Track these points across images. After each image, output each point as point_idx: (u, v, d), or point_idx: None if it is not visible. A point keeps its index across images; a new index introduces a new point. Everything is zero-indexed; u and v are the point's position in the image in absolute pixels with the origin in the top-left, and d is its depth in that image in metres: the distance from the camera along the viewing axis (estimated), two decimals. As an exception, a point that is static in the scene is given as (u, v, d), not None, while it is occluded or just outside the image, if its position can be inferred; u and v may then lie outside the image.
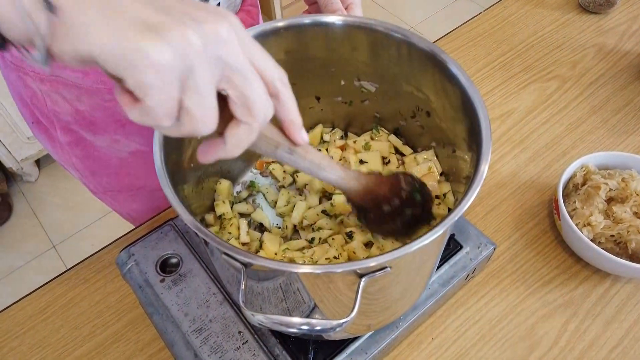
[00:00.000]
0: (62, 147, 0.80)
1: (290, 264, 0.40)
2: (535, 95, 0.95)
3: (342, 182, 0.49)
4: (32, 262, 1.76)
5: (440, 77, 0.52)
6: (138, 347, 0.68)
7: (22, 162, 1.84)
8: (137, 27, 0.27)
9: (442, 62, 0.50)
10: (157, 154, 0.45)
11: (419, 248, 0.39)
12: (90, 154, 0.80)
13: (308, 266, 0.40)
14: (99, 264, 0.77)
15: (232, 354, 0.59)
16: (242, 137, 0.34)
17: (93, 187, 0.89)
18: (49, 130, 0.78)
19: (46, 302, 0.73)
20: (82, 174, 0.85)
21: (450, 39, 1.06)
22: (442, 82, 0.52)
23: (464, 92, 0.48)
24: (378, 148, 0.66)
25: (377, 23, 0.53)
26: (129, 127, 0.76)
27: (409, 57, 0.54)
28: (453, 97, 0.51)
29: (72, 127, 0.76)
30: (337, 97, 0.65)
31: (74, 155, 0.81)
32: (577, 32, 1.06)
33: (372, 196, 0.51)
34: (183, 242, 0.69)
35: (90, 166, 0.83)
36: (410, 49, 0.53)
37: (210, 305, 0.63)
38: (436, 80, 0.53)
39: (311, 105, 0.67)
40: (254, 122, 0.33)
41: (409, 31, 0.52)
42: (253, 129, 0.34)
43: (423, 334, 0.68)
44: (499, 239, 0.77)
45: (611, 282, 0.72)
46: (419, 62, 0.53)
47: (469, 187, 0.42)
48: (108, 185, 0.87)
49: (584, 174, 0.75)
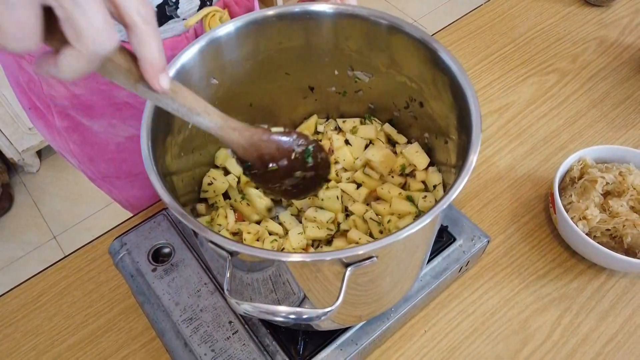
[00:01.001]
0: (59, 133, 0.80)
1: (275, 252, 0.40)
2: (534, 89, 0.94)
3: (220, 132, 0.45)
4: (33, 252, 1.77)
5: (432, 66, 0.51)
6: (130, 336, 0.69)
7: (23, 153, 1.85)
8: None
9: (433, 50, 0.50)
10: (144, 140, 0.45)
11: (405, 238, 0.39)
12: (88, 140, 0.80)
13: (293, 254, 0.40)
14: (93, 253, 0.77)
15: (222, 344, 0.59)
16: (72, 62, 0.30)
17: (91, 174, 0.89)
18: (46, 116, 0.78)
19: (40, 290, 0.73)
20: (79, 160, 0.85)
21: (449, 31, 1.06)
22: (433, 71, 0.51)
23: (454, 80, 0.48)
24: (365, 132, 0.66)
25: (369, 12, 0.52)
26: (126, 111, 0.76)
27: (400, 46, 0.53)
28: (444, 86, 0.50)
29: (68, 111, 0.75)
30: (331, 87, 0.65)
31: (71, 141, 0.81)
32: (579, 25, 1.04)
33: (257, 152, 0.48)
34: (176, 232, 0.68)
35: (88, 152, 0.83)
36: (402, 37, 0.52)
37: (201, 295, 0.63)
38: (427, 69, 0.52)
39: (305, 95, 0.66)
40: (84, 49, 0.30)
41: (401, 19, 0.52)
42: (83, 56, 0.30)
43: (415, 326, 0.68)
44: (494, 233, 0.76)
45: (606, 277, 0.71)
46: (411, 51, 0.52)
47: (457, 177, 0.41)
48: (106, 172, 0.87)
49: (581, 167, 0.74)
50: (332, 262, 0.40)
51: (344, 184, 0.63)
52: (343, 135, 0.66)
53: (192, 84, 0.54)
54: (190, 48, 0.52)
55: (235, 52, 0.55)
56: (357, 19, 0.54)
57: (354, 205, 0.61)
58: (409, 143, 0.65)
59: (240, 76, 0.59)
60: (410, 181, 0.63)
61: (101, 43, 0.30)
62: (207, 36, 0.52)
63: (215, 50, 0.54)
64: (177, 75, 0.51)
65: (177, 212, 0.41)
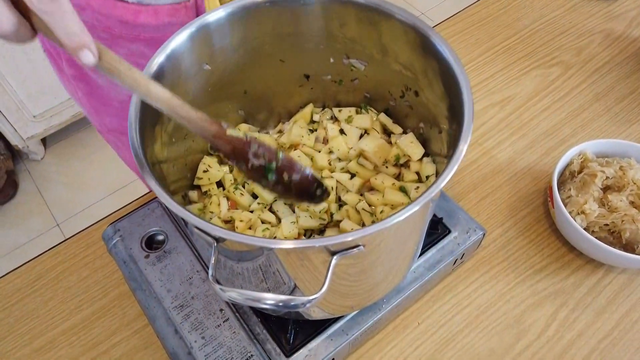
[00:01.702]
0: (68, 80, 0.82)
1: (260, 239, 0.39)
2: (537, 82, 0.93)
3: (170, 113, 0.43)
4: (36, 239, 1.78)
5: (423, 52, 0.50)
6: (123, 322, 0.69)
7: (28, 140, 1.86)
8: None
9: (424, 36, 0.49)
10: (132, 128, 0.45)
11: (391, 226, 0.38)
12: (94, 92, 0.81)
13: (278, 241, 0.39)
14: (89, 240, 0.77)
15: (213, 331, 0.59)
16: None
17: (98, 126, 0.90)
18: (57, 61, 0.80)
19: (36, 274, 0.74)
20: (87, 110, 0.87)
21: (453, 22, 1.04)
22: (424, 57, 0.50)
23: (446, 66, 0.47)
24: (360, 122, 0.65)
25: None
26: None
27: (394, 33, 0.53)
28: (436, 73, 0.49)
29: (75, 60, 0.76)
30: (327, 75, 0.64)
31: (79, 89, 0.82)
32: (585, 18, 1.03)
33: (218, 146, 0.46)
34: (170, 219, 0.68)
35: (94, 104, 0.84)
36: (395, 23, 0.51)
37: (193, 283, 0.63)
38: (420, 56, 0.51)
39: (300, 83, 0.66)
40: None
41: (393, 5, 0.51)
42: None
43: (409, 318, 0.67)
44: (491, 226, 0.75)
45: (604, 273, 0.70)
46: (403, 37, 0.52)
47: (446, 166, 0.40)
48: (111, 125, 0.88)
49: (581, 161, 0.73)
50: (318, 249, 0.40)
51: (338, 173, 0.63)
52: (338, 124, 0.66)
53: (183, 69, 0.53)
54: (180, 34, 0.51)
55: (227, 38, 0.55)
56: (349, 5, 0.53)
57: (347, 195, 0.61)
58: (404, 133, 0.65)
59: (233, 63, 0.58)
60: (404, 172, 0.62)
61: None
62: (197, 22, 0.52)
63: (205, 36, 0.53)
64: (167, 60, 0.50)
65: (165, 199, 0.40)
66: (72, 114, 1.89)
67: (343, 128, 0.64)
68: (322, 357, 0.57)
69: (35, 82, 1.73)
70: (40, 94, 1.77)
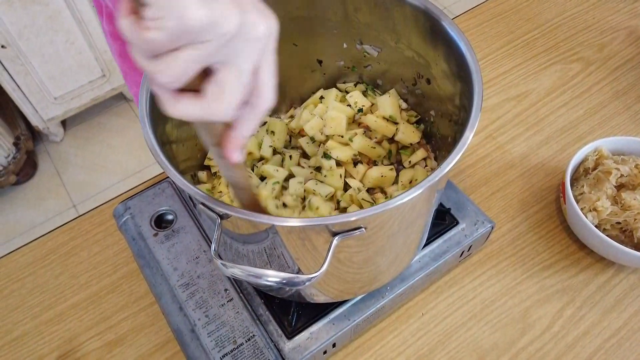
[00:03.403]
0: (106, 35, 0.85)
1: (263, 215, 0.40)
2: (556, 77, 0.91)
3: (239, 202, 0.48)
4: (53, 218, 1.82)
5: (435, 38, 0.50)
6: (131, 299, 0.70)
7: (48, 122, 1.89)
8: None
9: (436, 20, 0.48)
10: (142, 101, 0.45)
11: (393, 208, 0.38)
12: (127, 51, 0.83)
13: (282, 218, 0.40)
14: (101, 217, 0.78)
15: (217, 310, 0.60)
16: (188, 108, 0.32)
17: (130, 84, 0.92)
18: (100, 16, 0.83)
19: (48, 249, 0.75)
20: (121, 68, 0.90)
21: (473, 14, 1.03)
22: (436, 43, 0.50)
23: (457, 51, 0.46)
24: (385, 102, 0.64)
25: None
26: None
27: (407, 18, 0.52)
28: (449, 59, 0.49)
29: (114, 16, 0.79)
30: (340, 61, 0.64)
31: (114, 47, 0.85)
32: (609, 14, 1.00)
33: None
34: (179, 199, 0.69)
35: (126, 63, 0.87)
36: (407, 8, 0.51)
37: (199, 262, 0.63)
38: (432, 42, 0.51)
39: (313, 68, 0.66)
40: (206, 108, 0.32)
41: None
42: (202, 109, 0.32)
43: (413, 308, 0.67)
44: (501, 220, 0.75)
45: (614, 272, 0.69)
46: (417, 23, 0.51)
47: (450, 152, 0.40)
48: None
49: (596, 158, 0.71)
50: (319, 229, 0.40)
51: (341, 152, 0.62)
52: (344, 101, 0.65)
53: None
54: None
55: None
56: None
57: (353, 181, 0.61)
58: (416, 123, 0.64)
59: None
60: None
61: (225, 113, 0.33)
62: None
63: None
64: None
65: (173, 175, 0.41)
66: (92, 97, 1.92)
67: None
68: (323, 340, 0.57)
69: (57, 65, 1.76)
70: (62, 76, 1.80)
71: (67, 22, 1.68)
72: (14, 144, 1.79)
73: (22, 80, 1.72)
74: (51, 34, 1.68)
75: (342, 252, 0.45)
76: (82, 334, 0.67)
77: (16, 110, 1.86)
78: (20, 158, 1.81)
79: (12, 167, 1.77)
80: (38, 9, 1.60)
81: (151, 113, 0.46)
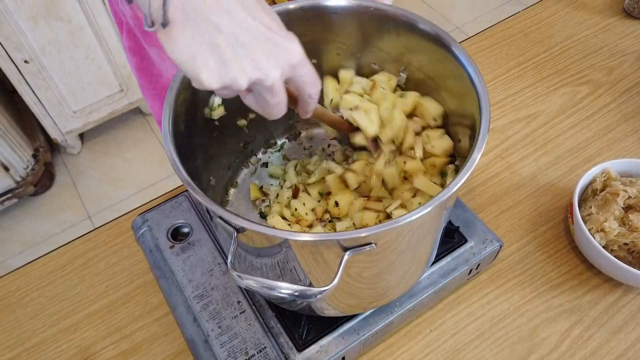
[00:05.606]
0: (125, 50, 0.88)
1: (276, 230, 0.41)
2: (566, 99, 0.93)
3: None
4: (68, 230, 1.85)
5: (445, 62, 0.52)
6: (146, 309, 0.72)
7: (66, 135, 1.94)
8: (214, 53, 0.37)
9: (446, 45, 0.50)
10: (166, 116, 0.48)
11: (401, 225, 0.40)
12: (146, 66, 0.86)
13: (294, 233, 0.41)
14: (118, 229, 0.80)
15: (229, 322, 0.61)
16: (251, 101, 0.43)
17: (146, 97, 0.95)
18: (120, 31, 0.86)
19: (67, 259, 0.78)
20: (140, 83, 0.93)
21: (484, 36, 1.05)
22: (446, 67, 0.52)
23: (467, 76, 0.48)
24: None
25: (389, 8, 0.53)
26: None
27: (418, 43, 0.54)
28: (457, 83, 0.51)
29: (134, 31, 0.82)
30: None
31: (132, 62, 0.88)
32: (618, 38, 1.02)
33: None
34: (195, 213, 0.71)
35: (146, 77, 0.90)
36: (418, 33, 0.53)
37: (213, 274, 0.65)
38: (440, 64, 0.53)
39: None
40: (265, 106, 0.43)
41: (416, 15, 0.53)
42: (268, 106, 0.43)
43: (422, 324, 0.68)
44: (510, 239, 0.76)
45: (622, 292, 0.70)
46: (427, 48, 0.53)
47: (459, 172, 0.42)
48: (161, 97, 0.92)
49: (604, 179, 0.73)
50: (331, 244, 0.42)
51: None
52: None
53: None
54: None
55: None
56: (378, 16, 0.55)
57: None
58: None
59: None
60: None
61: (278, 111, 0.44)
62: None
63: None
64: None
65: (189, 185, 0.43)
66: (110, 111, 1.96)
67: None
68: (332, 354, 0.58)
69: (77, 79, 1.81)
70: (81, 91, 1.85)
71: (87, 38, 1.73)
72: (33, 156, 1.84)
73: (43, 94, 1.77)
74: (72, 49, 1.73)
75: (352, 267, 0.47)
76: (98, 342, 0.69)
77: (36, 123, 1.91)
78: (39, 169, 1.85)
79: (30, 178, 1.81)
80: (61, 25, 1.66)
81: (174, 129, 0.49)
